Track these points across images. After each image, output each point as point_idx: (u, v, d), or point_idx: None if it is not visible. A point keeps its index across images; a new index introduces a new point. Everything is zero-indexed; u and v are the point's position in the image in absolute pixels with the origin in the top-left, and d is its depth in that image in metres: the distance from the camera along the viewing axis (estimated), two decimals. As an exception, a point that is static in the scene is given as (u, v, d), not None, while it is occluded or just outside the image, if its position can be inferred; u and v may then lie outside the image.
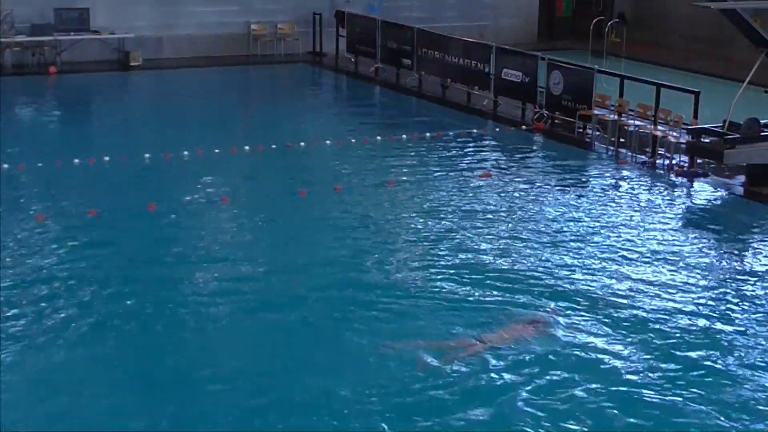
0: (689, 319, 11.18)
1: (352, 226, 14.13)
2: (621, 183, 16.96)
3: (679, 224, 14.80)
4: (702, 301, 11.71)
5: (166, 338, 10.62)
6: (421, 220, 14.36)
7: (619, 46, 27.05)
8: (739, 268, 12.84)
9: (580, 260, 12.82)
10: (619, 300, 11.61)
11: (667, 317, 11.19)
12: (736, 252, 13.54)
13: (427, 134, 19.34)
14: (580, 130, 19.42)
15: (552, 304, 11.34)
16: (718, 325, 11.07)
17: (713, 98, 18.85)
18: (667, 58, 26.83)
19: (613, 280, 12.19)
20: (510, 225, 14.23)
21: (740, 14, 16.73)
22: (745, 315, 11.39)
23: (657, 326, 10.94)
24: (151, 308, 11.24)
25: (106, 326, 10.80)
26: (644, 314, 11.24)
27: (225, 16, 26.90)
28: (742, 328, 11.02)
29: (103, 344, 10.41)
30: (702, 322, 11.12)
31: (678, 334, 10.79)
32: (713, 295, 11.91)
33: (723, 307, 11.56)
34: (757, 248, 13.81)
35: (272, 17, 27.25)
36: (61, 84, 23.95)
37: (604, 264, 12.73)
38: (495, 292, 11.71)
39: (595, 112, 19.17)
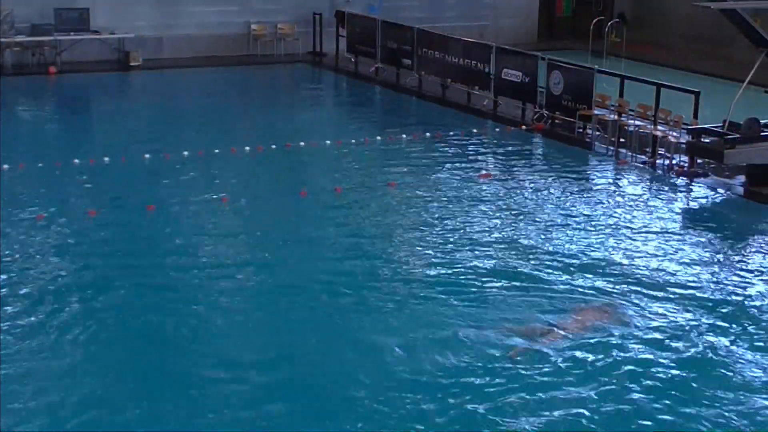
0: (688, 319, 11.19)
1: (351, 226, 14.14)
2: (621, 183, 16.96)
3: (679, 224, 14.80)
4: (702, 301, 11.71)
5: (167, 337, 10.62)
6: (422, 220, 14.36)
7: (619, 46, 27.06)
8: (739, 269, 12.83)
9: (583, 262, 12.84)
10: (620, 299, 11.65)
11: (666, 317, 11.21)
12: (736, 252, 13.54)
13: (427, 134, 19.33)
14: (580, 130, 19.42)
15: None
16: (718, 325, 11.07)
17: (713, 98, 18.84)
18: (667, 58, 26.81)
19: (615, 279, 12.22)
20: (510, 225, 14.24)
21: (740, 14, 16.73)
22: (746, 315, 11.39)
23: (656, 324, 10.97)
24: (151, 307, 11.24)
25: (107, 324, 10.81)
26: (643, 313, 11.27)
27: (225, 16, 26.90)
28: (743, 328, 11.02)
29: (104, 343, 10.42)
30: (701, 323, 11.13)
31: (676, 334, 10.81)
32: (713, 296, 11.90)
33: (724, 308, 11.56)
34: (757, 248, 13.80)
35: (272, 17, 27.25)
36: (61, 84, 23.95)
37: (604, 264, 12.75)
38: (512, 289, 11.86)
39: (595, 112, 19.16)
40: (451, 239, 13.54)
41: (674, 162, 17.51)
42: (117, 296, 11.49)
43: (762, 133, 16.40)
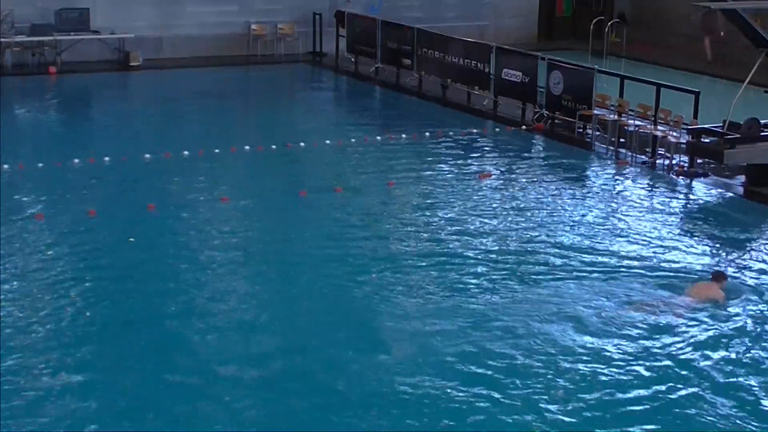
0: (688, 320, 11.21)
1: (350, 225, 14.14)
2: (621, 183, 16.96)
3: (679, 224, 14.80)
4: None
5: (169, 336, 10.63)
6: (421, 219, 14.37)
7: (619, 46, 27.07)
8: (739, 269, 12.82)
9: (586, 263, 12.84)
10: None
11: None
12: (735, 252, 13.53)
13: (427, 134, 19.34)
14: (580, 130, 19.42)
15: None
16: (719, 325, 11.09)
17: (713, 98, 18.85)
18: (667, 58, 26.83)
19: (617, 279, 12.24)
20: (508, 224, 14.25)
21: (740, 14, 16.74)
22: (746, 315, 11.40)
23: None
24: (153, 307, 11.26)
25: (108, 323, 10.82)
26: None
27: (225, 16, 26.88)
28: (743, 328, 11.04)
29: (106, 342, 10.41)
30: (701, 322, 11.14)
31: (676, 333, 10.82)
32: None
33: (723, 308, 11.57)
34: (756, 248, 13.80)
35: (272, 17, 27.24)
36: (61, 84, 23.95)
37: (605, 263, 12.76)
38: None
39: (595, 112, 19.16)
40: (450, 238, 13.55)
41: (674, 162, 17.51)
42: (114, 297, 11.50)
43: (762, 133, 16.40)
